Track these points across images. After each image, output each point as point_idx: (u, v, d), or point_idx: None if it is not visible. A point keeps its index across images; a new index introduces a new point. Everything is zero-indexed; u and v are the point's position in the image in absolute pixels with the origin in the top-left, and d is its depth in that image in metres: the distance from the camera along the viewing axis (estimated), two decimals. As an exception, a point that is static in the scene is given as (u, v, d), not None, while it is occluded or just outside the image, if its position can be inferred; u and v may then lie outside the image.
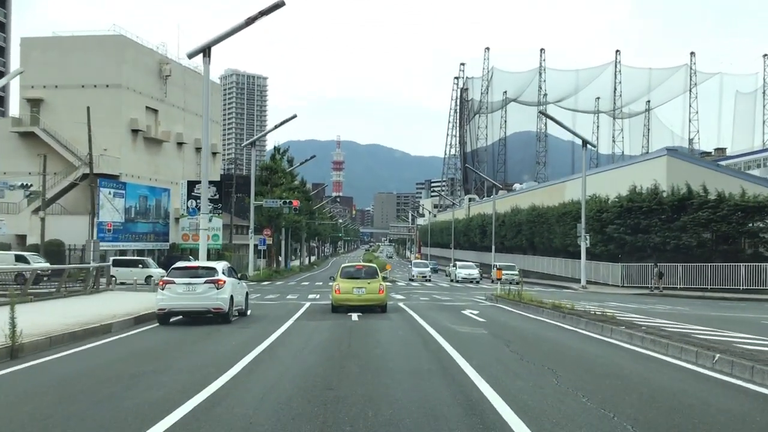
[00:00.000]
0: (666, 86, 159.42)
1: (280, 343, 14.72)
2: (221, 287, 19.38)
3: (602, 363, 12.06)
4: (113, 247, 53.77)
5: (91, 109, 59.55)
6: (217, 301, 19.28)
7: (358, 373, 10.65)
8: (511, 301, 26.24)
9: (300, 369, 11.17)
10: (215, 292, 19.29)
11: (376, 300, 22.91)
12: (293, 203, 55.73)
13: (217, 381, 9.86)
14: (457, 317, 21.32)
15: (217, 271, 19.84)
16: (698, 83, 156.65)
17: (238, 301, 21.08)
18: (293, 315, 22.06)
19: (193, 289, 19.26)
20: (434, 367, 11.28)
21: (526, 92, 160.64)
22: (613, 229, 49.41)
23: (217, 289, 19.33)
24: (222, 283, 19.49)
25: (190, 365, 11.75)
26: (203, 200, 30.69)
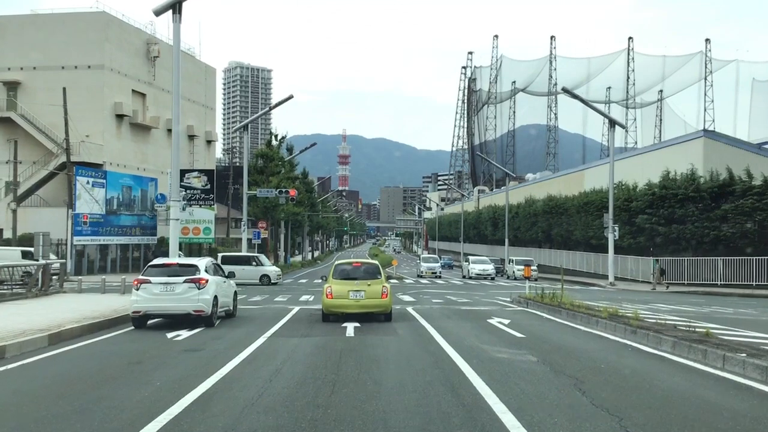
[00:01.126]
0: (680, 74, 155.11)
1: (232, 381, 9.79)
2: (203, 287, 17.48)
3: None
4: (92, 241, 49.00)
5: (72, 92, 55.30)
6: (199, 303, 17.35)
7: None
8: (546, 305, 21.21)
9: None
10: (196, 292, 17.38)
11: (379, 306, 18.18)
12: (290, 193, 50.76)
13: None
14: (484, 330, 16.44)
15: (198, 269, 17.89)
16: (714, 71, 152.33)
17: (223, 302, 19.19)
18: (272, 326, 17.29)
19: (172, 289, 17.37)
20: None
21: (535, 82, 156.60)
22: (644, 219, 44.61)
23: (199, 289, 17.41)
24: (204, 282, 17.55)
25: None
26: (173, 184, 26.02)
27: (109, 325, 17.60)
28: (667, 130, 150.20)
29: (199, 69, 73.97)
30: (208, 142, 75.30)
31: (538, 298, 22.61)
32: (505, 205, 71.05)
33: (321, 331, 16.06)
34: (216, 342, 14.21)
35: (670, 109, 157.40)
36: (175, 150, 25.84)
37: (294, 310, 22.30)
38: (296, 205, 67.91)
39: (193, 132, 70.90)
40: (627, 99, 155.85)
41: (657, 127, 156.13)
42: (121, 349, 13.46)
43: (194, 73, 72.26)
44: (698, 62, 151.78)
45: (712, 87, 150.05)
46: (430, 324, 17.59)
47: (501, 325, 17.39)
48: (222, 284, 19.17)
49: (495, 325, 17.44)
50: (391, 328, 16.78)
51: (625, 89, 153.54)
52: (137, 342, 14.61)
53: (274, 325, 17.48)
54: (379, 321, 18.29)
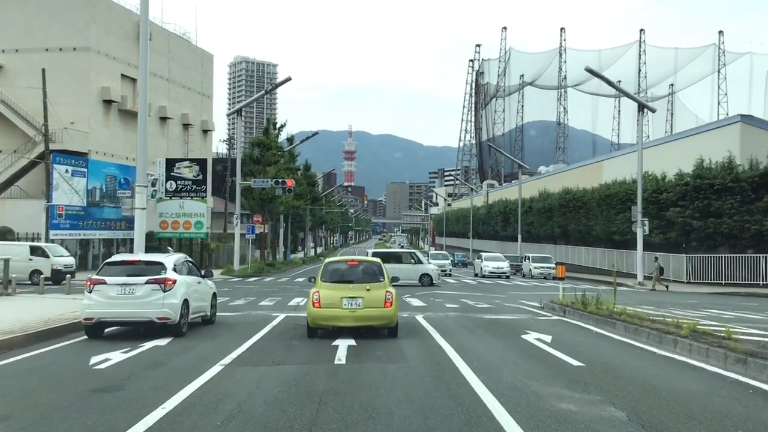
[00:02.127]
0: (692, 67, 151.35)
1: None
2: (170, 289, 14.57)
3: None
4: (71, 236, 45.00)
5: (57, 76, 51.42)
6: (164, 309, 14.42)
7: None
8: (592, 315, 16.87)
9: None
10: (161, 295, 14.48)
11: (381, 318, 14.06)
12: (287, 183, 46.57)
13: None
14: (522, 352, 12.26)
15: (164, 268, 14.98)
16: (727, 63, 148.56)
17: (197, 307, 16.15)
18: (242, 343, 13.28)
19: (131, 291, 14.49)
20: None
21: (544, 75, 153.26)
22: (676, 212, 40.50)
23: (164, 292, 14.50)
24: (170, 283, 14.65)
25: None
26: (140, 167, 21.89)
27: (52, 335, 14.45)
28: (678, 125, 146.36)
29: (195, 55, 69.89)
30: (204, 131, 71.16)
31: (578, 305, 18.35)
32: (516, 200, 67.09)
33: (301, 354, 11.99)
34: (149, 374, 10.13)
35: (681, 103, 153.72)
36: (143, 122, 21.76)
37: (278, 318, 18.26)
38: (296, 198, 63.86)
39: (188, 120, 66.80)
40: (638, 92, 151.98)
41: (668, 121, 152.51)
42: (7, 386, 9.41)
43: (189, 59, 68.19)
44: (711, 55, 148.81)
45: (725, 80, 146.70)
46: (447, 342, 13.45)
47: (542, 344, 13.22)
48: (195, 285, 16.18)
49: (534, 344, 13.26)
50: (396, 348, 12.66)
51: (637, 82, 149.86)
52: (45, 370, 10.62)
53: (244, 342, 13.47)
54: (380, 336, 14.23)
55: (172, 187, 51.92)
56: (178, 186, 51.78)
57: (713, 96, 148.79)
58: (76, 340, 14.27)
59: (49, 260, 34.20)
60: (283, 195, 51.54)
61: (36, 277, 31.99)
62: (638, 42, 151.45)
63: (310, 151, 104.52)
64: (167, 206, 52.22)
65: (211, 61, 73.04)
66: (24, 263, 33.34)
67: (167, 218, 52.10)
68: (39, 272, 32.19)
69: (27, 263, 33.81)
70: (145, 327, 14.95)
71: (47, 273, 33.18)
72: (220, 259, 58.29)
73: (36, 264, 33.97)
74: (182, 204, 51.85)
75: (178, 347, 13.05)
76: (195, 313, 15.91)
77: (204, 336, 14.82)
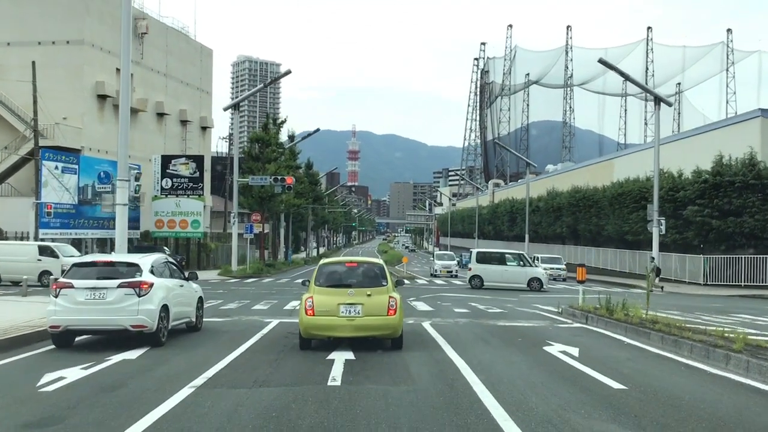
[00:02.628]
0: (700, 66, 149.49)
1: None
2: (146, 293, 12.95)
3: None
4: (62, 235, 43.15)
5: (49, 70, 49.65)
6: (139, 316, 12.80)
7: None
8: (620, 322, 14.98)
9: None
10: (135, 301, 12.84)
11: (383, 328, 12.24)
12: (287, 180, 44.75)
13: None
14: (548, 370, 10.38)
15: (140, 269, 13.33)
16: (735, 62, 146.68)
17: (180, 313, 14.54)
18: (223, 358, 11.45)
19: (102, 296, 12.83)
20: None
21: (550, 74, 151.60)
22: (694, 211, 38.66)
23: (139, 297, 12.88)
24: (146, 287, 13.02)
25: None
26: (121, 159, 20.18)
27: (15, 344, 12.93)
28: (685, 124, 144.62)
29: (194, 49, 68.10)
30: (203, 128, 69.30)
31: (602, 311, 16.47)
32: (523, 199, 65.25)
33: (290, 371, 10.18)
34: (101, 400, 8.31)
35: (689, 102, 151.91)
36: (124, 110, 20.06)
37: (270, 324, 16.48)
38: (297, 196, 62.05)
39: (186, 117, 64.98)
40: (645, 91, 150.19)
41: (675, 120, 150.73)
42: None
43: (188, 54, 66.40)
44: (719, 53, 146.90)
45: (734, 78, 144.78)
46: (460, 355, 11.63)
47: (570, 358, 11.39)
48: (177, 289, 14.53)
49: (561, 358, 11.42)
50: (401, 364, 10.84)
51: (644, 81, 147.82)
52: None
53: (228, 355, 11.71)
54: (382, 348, 12.42)
55: (167, 185, 50.29)
56: (174, 184, 50.15)
57: (721, 95, 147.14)
58: (40, 351, 12.64)
59: (58, 260, 32.07)
60: (282, 193, 49.77)
61: (45, 278, 30.27)
62: (646, 40, 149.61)
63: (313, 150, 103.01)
64: (163, 205, 50.60)
65: (211, 56, 71.21)
66: (33, 264, 31.59)
67: (163, 217, 50.50)
68: (48, 273, 30.41)
69: (36, 264, 31.90)
70: (121, 336, 13.28)
71: (57, 274, 31.43)
72: (219, 260, 56.51)
73: (45, 264, 32.00)
74: (178, 202, 50.23)
75: (150, 361, 11.31)
76: (177, 319, 14.32)
77: (185, 346, 13.14)
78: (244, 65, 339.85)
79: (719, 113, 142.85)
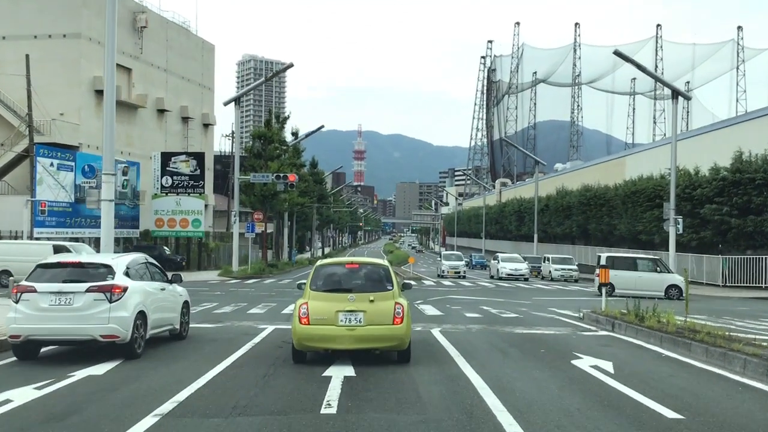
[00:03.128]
0: (710, 64, 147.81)
1: None
2: (118, 298, 11.41)
3: None
4: (57, 234, 41.75)
5: (46, 64, 48.34)
6: (110, 324, 11.25)
7: None
8: (653, 331, 13.34)
9: None
10: (106, 307, 11.28)
11: (388, 338, 10.72)
12: (289, 178, 43.24)
13: None
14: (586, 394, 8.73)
15: (112, 272, 11.80)
16: (746, 60, 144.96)
17: (160, 320, 13.02)
18: (203, 375, 9.97)
19: (69, 301, 11.24)
20: None
21: (558, 72, 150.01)
22: (712, 210, 37.09)
23: (111, 302, 11.33)
24: (119, 291, 11.49)
25: None
26: (107, 150, 18.75)
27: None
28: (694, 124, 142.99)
29: (195, 44, 66.65)
30: (205, 125, 67.87)
31: (631, 318, 14.90)
32: (531, 198, 63.86)
33: (278, 393, 8.69)
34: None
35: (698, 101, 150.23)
36: (110, 97, 18.62)
37: (265, 331, 15.04)
38: (301, 195, 60.53)
39: (187, 113, 63.53)
40: (655, 90, 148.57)
41: (684, 119, 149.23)
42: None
43: (189, 49, 64.95)
44: (730, 51, 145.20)
45: (744, 77, 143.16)
46: (476, 371, 10.12)
47: (605, 376, 9.86)
48: (157, 293, 13.02)
49: (595, 376, 9.86)
50: (409, 382, 9.36)
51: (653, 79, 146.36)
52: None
53: (209, 370, 10.28)
54: (387, 361, 10.95)
55: (167, 183, 48.95)
56: (174, 181, 48.81)
57: (731, 93, 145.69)
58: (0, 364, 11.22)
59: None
60: (285, 191, 48.30)
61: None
62: (655, 37, 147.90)
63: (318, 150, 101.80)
64: (163, 203, 49.26)
65: (213, 52, 69.76)
66: None
67: (163, 216, 49.16)
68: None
69: None
70: (92, 347, 11.83)
71: None
72: (220, 260, 55.06)
73: None
74: (179, 201, 48.89)
75: (118, 377, 9.86)
76: (157, 327, 12.84)
77: (163, 358, 11.71)
78: (250, 64, 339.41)
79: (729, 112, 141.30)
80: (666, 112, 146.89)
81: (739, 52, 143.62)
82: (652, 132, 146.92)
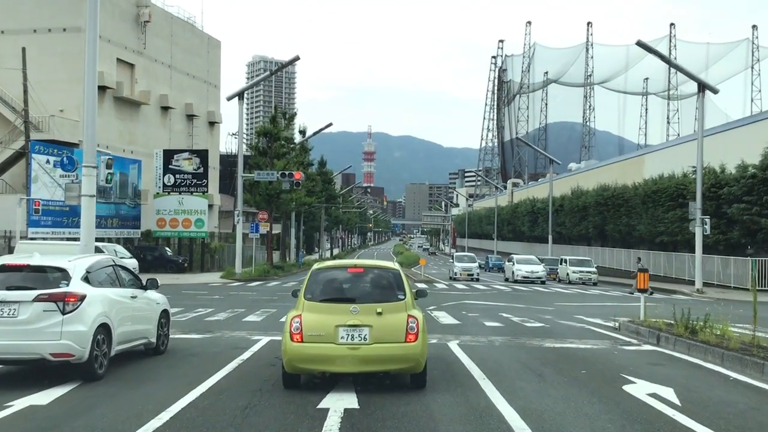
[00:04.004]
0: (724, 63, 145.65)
1: None
2: (73, 309, 9.40)
3: None
4: (54, 235, 40.06)
5: (45, 59, 46.88)
6: (62, 340, 9.25)
7: None
8: (711, 346, 11.39)
9: None
10: (58, 320, 9.30)
11: (400, 360, 8.82)
12: (295, 176, 41.40)
13: None
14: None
15: (67, 276, 9.79)
16: (761, 59, 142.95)
17: (130, 333, 11.05)
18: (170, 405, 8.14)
19: (13, 312, 9.26)
20: None
21: (569, 71, 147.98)
22: (740, 209, 35.09)
23: (64, 314, 9.31)
24: (74, 300, 9.46)
25: None
26: (86, 141, 17.04)
27: None
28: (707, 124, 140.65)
29: (201, 40, 64.96)
30: (210, 123, 66.16)
31: (679, 330, 12.91)
32: (544, 198, 61.93)
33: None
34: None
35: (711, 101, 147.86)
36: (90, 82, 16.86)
37: (257, 344, 13.24)
38: (309, 194, 58.72)
39: (193, 111, 61.84)
40: (668, 90, 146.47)
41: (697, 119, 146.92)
42: None
43: (194, 45, 63.27)
44: (744, 50, 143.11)
45: (759, 76, 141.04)
46: (508, 400, 8.22)
47: (669, 408, 7.95)
48: (126, 302, 11.10)
49: (656, 408, 7.95)
50: (425, 418, 7.49)
51: (667, 78, 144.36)
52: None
53: (180, 398, 8.43)
54: (398, 388, 9.07)
55: (170, 182, 47.24)
56: (177, 180, 47.10)
57: (746, 93, 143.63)
58: None
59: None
60: (291, 190, 46.47)
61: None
62: (668, 36, 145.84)
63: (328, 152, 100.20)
64: (165, 202, 47.56)
65: (219, 48, 68.08)
66: None
67: (165, 215, 47.45)
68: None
69: None
70: (46, 366, 9.87)
71: None
72: (224, 261, 53.29)
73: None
74: (181, 200, 47.17)
75: (63, 410, 8.00)
76: (126, 342, 10.98)
77: (129, 380, 9.87)
78: (259, 65, 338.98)
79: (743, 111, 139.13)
80: (680, 112, 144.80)
81: (753, 51, 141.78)
82: (666, 133, 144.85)
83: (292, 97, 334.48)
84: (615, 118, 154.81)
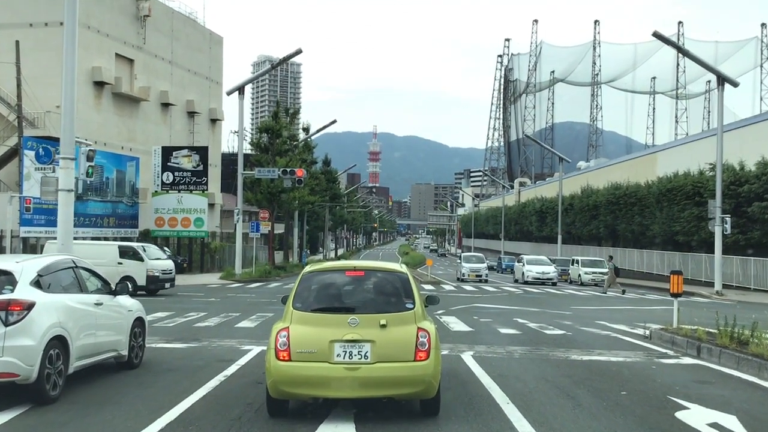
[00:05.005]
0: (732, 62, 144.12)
1: None
2: (18, 320, 7.95)
3: None
4: (47, 233, 38.67)
5: (41, 54, 45.42)
6: (3, 357, 7.78)
7: None
8: (760, 359, 10.05)
9: None
10: (0, 332, 7.78)
11: (407, 383, 7.20)
12: (297, 173, 39.98)
13: None
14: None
15: (12, 280, 8.32)
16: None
17: (94, 346, 9.53)
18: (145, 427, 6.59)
19: None
20: None
21: (576, 70, 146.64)
22: (762, 207, 33.68)
23: (6, 326, 7.85)
24: (19, 308, 7.94)
25: None
26: (64, 131, 15.56)
27: None
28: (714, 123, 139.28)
29: (203, 36, 63.56)
30: (212, 121, 64.70)
31: (724, 340, 11.38)
32: (553, 197, 60.52)
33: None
34: None
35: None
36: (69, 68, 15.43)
37: (247, 355, 11.84)
38: (312, 193, 57.27)
39: (194, 108, 60.41)
40: (677, 88, 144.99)
41: (705, 119, 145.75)
42: None
43: (196, 41, 61.85)
44: (753, 48, 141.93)
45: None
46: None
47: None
48: (88, 309, 9.55)
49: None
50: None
51: (675, 78, 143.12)
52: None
53: (145, 427, 6.95)
54: (405, 416, 7.59)
55: (168, 179, 45.93)
56: (176, 178, 45.80)
57: (755, 92, 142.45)
58: None
59: (143, 264, 27.47)
60: (294, 189, 45.07)
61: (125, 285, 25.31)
62: (677, 35, 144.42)
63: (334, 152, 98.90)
64: (164, 201, 46.23)
65: (221, 44, 66.65)
66: (112, 268, 25.93)
67: (163, 214, 46.14)
68: (131, 279, 25.93)
69: (115, 268, 26.55)
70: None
71: (141, 280, 26.90)
72: (225, 262, 51.90)
73: (126, 269, 27.08)
74: (180, 198, 45.85)
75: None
76: (89, 356, 9.48)
77: (87, 403, 8.36)
78: (265, 65, 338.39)
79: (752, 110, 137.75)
80: (689, 111, 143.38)
81: (762, 50, 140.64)
82: (674, 132, 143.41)
83: (297, 98, 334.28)
84: (622, 117, 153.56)
